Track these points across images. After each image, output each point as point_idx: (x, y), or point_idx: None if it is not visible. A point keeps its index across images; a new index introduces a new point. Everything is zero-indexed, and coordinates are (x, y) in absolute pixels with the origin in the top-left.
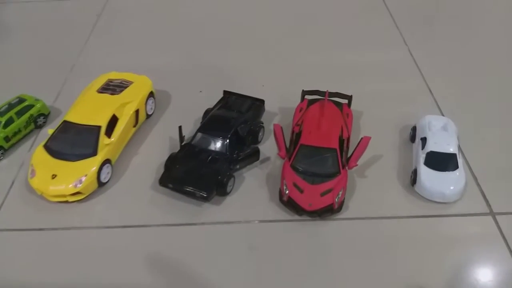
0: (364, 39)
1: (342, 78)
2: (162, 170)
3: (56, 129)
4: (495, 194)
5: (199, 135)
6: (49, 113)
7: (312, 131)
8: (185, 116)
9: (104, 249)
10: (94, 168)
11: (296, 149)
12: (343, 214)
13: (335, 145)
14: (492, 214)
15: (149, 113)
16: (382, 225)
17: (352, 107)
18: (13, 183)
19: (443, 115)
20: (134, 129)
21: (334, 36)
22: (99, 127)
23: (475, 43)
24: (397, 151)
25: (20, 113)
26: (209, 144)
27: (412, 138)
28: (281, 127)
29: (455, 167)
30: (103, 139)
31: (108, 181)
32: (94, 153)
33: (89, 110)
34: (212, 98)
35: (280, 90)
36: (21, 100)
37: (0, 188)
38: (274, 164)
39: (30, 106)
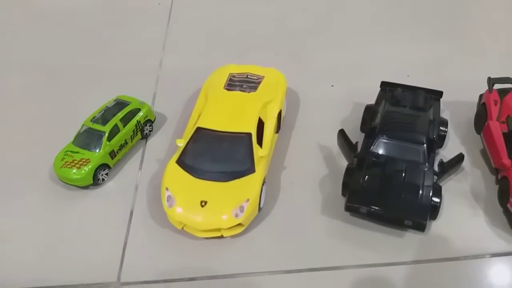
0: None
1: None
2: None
3: (191, 138)
4: None
5: (381, 139)
6: (154, 119)
7: None
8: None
9: None
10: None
11: None
12: None
13: None
14: None
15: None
16: None
17: None
18: (132, 213)
19: None
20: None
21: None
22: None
23: None
24: None
25: (125, 120)
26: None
27: None
28: None
29: None
30: (257, 151)
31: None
32: (251, 169)
33: (231, 113)
34: None
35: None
36: (121, 104)
37: (115, 222)
38: (473, 175)
39: (136, 111)
